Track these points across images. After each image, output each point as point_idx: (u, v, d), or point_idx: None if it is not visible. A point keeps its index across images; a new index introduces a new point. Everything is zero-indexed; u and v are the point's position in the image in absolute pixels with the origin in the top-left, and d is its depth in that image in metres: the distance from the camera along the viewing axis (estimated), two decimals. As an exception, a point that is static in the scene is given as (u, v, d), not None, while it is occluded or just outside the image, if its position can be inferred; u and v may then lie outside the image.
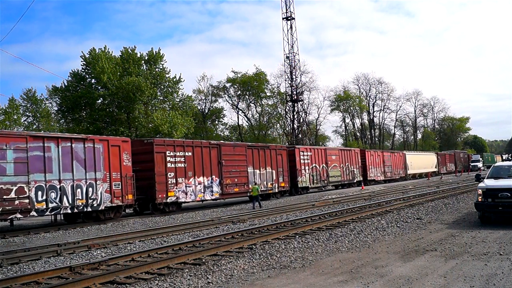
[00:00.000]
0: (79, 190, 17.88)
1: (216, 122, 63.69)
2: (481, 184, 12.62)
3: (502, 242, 9.53)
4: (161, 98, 42.18)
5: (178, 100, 44.59)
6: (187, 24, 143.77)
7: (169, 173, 21.88)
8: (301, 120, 55.21)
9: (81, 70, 39.14)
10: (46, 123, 50.73)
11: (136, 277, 7.84)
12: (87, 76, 39.09)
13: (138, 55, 40.15)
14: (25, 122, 51.12)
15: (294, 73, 52.86)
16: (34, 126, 50.94)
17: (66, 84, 38.65)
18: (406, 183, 43.03)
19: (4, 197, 15.51)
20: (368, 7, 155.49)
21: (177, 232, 13.84)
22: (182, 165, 22.71)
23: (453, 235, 10.79)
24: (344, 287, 6.69)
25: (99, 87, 38.39)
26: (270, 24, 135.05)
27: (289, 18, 52.01)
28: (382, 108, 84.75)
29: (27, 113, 52.64)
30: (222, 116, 63.03)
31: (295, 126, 54.78)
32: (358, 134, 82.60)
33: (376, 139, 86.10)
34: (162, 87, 41.62)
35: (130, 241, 12.49)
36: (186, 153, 23.01)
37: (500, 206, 11.84)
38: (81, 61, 38.91)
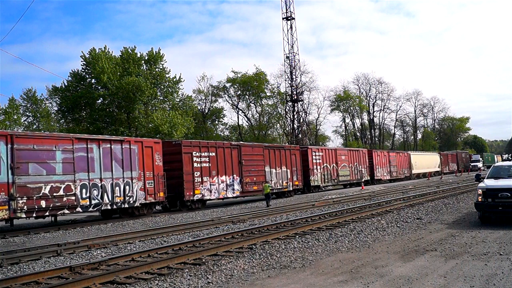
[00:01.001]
0: (117, 188, 19.33)
1: (216, 122, 63.64)
2: (481, 184, 12.62)
3: (502, 242, 9.53)
4: (161, 98, 42.15)
5: (178, 100, 44.59)
6: (188, 25, 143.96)
7: (195, 172, 23.21)
8: (301, 120, 55.19)
9: (81, 70, 39.12)
10: (46, 123, 50.73)
11: (136, 277, 7.84)
12: (87, 76, 39.05)
13: (138, 55, 40.13)
14: (25, 122, 51.15)
15: (294, 73, 52.86)
16: (34, 126, 50.95)
17: (66, 84, 38.63)
18: (406, 183, 43.10)
19: (54, 194, 16.96)
20: (368, 8, 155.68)
21: (177, 232, 13.83)
22: (207, 164, 24.03)
23: (453, 235, 10.79)
24: (344, 287, 6.69)
25: (99, 87, 38.37)
26: (270, 24, 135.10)
27: (289, 18, 52.00)
28: (382, 108, 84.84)
29: (27, 113, 52.68)
30: (222, 116, 63.00)
31: (295, 126, 54.77)
32: (358, 134, 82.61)
33: (376, 139, 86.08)
34: (162, 87, 41.59)
35: (130, 241, 12.49)
36: (210, 154, 24.38)
37: (500, 206, 11.85)
38: (81, 61, 38.92)
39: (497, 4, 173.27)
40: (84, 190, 17.98)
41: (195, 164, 23.23)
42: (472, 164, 72.14)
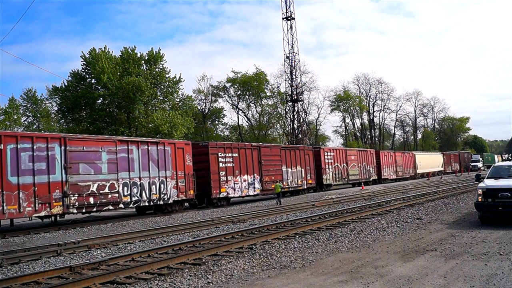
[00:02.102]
0: (154, 186, 20.94)
1: (216, 122, 63.61)
2: (481, 184, 12.62)
3: (502, 242, 9.53)
4: (161, 98, 42.10)
5: (178, 100, 44.57)
6: (188, 25, 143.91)
7: (221, 172, 24.98)
8: (301, 120, 55.17)
9: (81, 70, 39.05)
10: (46, 123, 50.73)
11: (136, 277, 7.84)
12: (87, 76, 38.99)
13: (138, 55, 40.10)
14: (25, 122, 51.16)
15: (294, 73, 52.84)
16: (34, 126, 50.96)
17: (66, 84, 38.59)
18: (407, 183, 43.16)
19: (101, 191, 18.63)
20: (368, 8, 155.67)
21: (177, 232, 13.83)
22: (231, 164, 25.76)
23: (453, 235, 10.79)
24: (344, 287, 6.69)
25: (99, 87, 38.31)
26: (271, 24, 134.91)
27: (289, 18, 51.98)
28: (382, 108, 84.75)
29: (27, 113, 52.67)
30: (222, 116, 62.99)
31: (295, 126, 54.74)
32: (358, 134, 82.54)
33: (376, 139, 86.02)
34: (162, 87, 41.55)
35: (130, 241, 12.48)
36: (234, 154, 26.06)
37: (500, 206, 11.84)
38: (81, 61, 38.88)
39: (497, 4, 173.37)
40: (125, 188, 19.68)
41: (220, 164, 24.95)
42: (472, 164, 72.15)
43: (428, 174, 54.26)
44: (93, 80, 38.77)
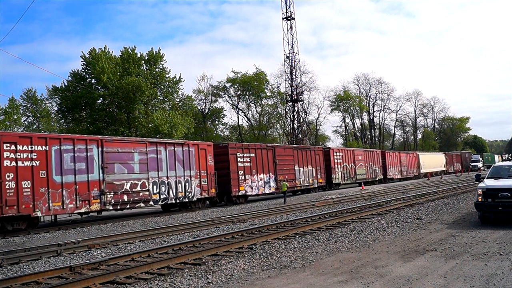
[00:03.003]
0: (180, 184, 22.38)
1: (216, 122, 63.60)
2: (481, 184, 12.61)
3: (502, 242, 9.53)
4: (161, 98, 42.12)
5: (178, 100, 44.56)
6: (189, 25, 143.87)
7: (239, 171, 26.32)
8: (301, 120, 55.16)
9: (81, 70, 39.07)
10: (46, 123, 50.72)
11: (136, 277, 7.84)
12: (87, 76, 39.00)
13: (138, 55, 40.10)
14: (25, 122, 51.15)
15: (294, 73, 52.84)
16: (34, 126, 50.95)
17: (66, 84, 38.60)
18: (407, 183, 43.16)
19: (133, 190, 20.04)
20: (369, 8, 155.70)
21: (177, 232, 13.82)
22: (248, 164, 27.11)
23: (453, 235, 10.79)
24: (344, 287, 6.69)
25: (99, 87, 38.32)
26: (271, 24, 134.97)
27: (289, 18, 51.97)
28: (382, 108, 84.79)
29: (27, 113, 52.67)
30: (222, 116, 62.98)
31: (295, 126, 54.73)
32: (358, 134, 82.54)
33: (376, 139, 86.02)
34: (162, 87, 41.56)
35: (130, 241, 12.48)
36: (251, 154, 27.42)
37: (500, 206, 11.83)
38: (81, 61, 38.89)
39: (497, 4, 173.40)
40: (155, 187, 21.03)
41: (239, 164, 26.33)
42: (472, 164, 72.20)
43: (428, 174, 54.37)
44: (93, 80, 38.78)
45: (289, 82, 53.35)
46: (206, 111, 62.09)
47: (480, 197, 12.13)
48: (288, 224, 13.87)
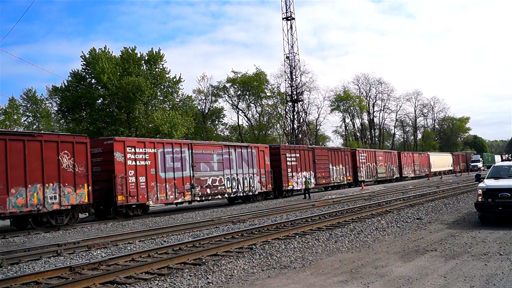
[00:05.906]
0: (245, 180, 26.78)
1: (216, 122, 63.54)
2: (481, 184, 12.60)
3: (502, 242, 9.53)
4: (161, 98, 42.07)
5: (178, 100, 44.53)
6: (190, 26, 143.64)
7: (288, 169, 30.68)
8: (301, 120, 55.10)
9: (81, 70, 39.01)
10: (46, 123, 50.72)
11: (136, 277, 7.84)
12: (87, 76, 38.95)
13: (138, 55, 40.08)
14: (25, 122, 51.15)
15: (294, 73, 52.79)
16: (34, 126, 50.95)
17: (66, 84, 38.57)
18: (407, 183, 43.25)
19: (213, 184, 24.41)
20: (369, 9, 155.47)
21: (177, 232, 13.82)
22: (294, 163, 31.41)
23: (453, 235, 10.79)
24: (344, 287, 6.69)
25: (99, 87, 38.26)
26: (272, 25, 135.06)
27: (289, 18, 51.89)
28: (382, 108, 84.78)
29: (27, 113, 52.67)
30: (222, 116, 62.92)
31: (295, 126, 54.70)
32: (358, 134, 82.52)
33: (376, 139, 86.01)
34: (162, 87, 41.53)
35: (130, 241, 12.48)
36: (296, 155, 31.76)
37: (500, 206, 11.83)
38: (81, 61, 38.84)
39: (497, 4, 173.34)
40: (228, 182, 25.44)
41: (288, 163, 30.64)
42: (472, 164, 72.27)
43: (429, 174, 54.72)
44: (93, 80, 38.73)
45: (289, 82, 53.33)
46: (206, 111, 62.07)
47: (480, 197, 12.13)
48: (288, 224, 13.87)
